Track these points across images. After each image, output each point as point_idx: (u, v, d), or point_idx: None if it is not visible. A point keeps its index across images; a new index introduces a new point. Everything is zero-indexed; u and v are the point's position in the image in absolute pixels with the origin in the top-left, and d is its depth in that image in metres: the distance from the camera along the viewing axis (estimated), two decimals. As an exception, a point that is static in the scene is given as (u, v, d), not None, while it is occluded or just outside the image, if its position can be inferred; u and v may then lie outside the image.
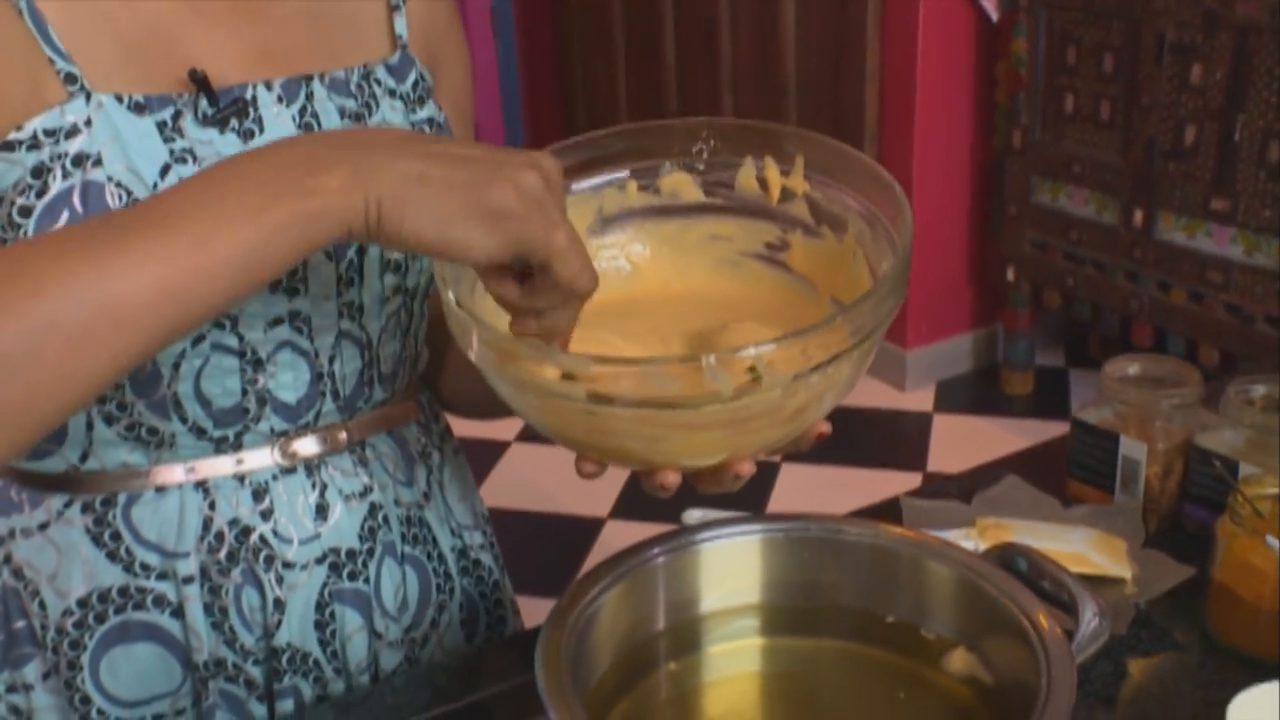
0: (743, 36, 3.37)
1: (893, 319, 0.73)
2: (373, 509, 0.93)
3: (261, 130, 0.85)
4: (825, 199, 0.84)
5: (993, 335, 3.36)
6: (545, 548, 2.67)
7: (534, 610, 1.11)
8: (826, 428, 0.76)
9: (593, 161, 0.85)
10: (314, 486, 0.91)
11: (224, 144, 0.84)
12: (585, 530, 2.71)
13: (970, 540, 0.99)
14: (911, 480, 2.81)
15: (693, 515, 0.96)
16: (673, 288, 0.90)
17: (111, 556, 0.88)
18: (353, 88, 0.90)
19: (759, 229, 0.87)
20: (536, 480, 2.90)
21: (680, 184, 0.86)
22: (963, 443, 3.00)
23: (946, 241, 3.23)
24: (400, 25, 0.94)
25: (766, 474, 2.86)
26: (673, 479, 0.74)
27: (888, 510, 1.08)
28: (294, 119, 0.87)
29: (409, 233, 0.68)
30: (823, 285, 0.85)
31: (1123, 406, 1.05)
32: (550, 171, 0.71)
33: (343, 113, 0.89)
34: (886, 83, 3.09)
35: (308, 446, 0.90)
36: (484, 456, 3.00)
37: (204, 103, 0.83)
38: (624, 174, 0.85)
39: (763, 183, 0.85)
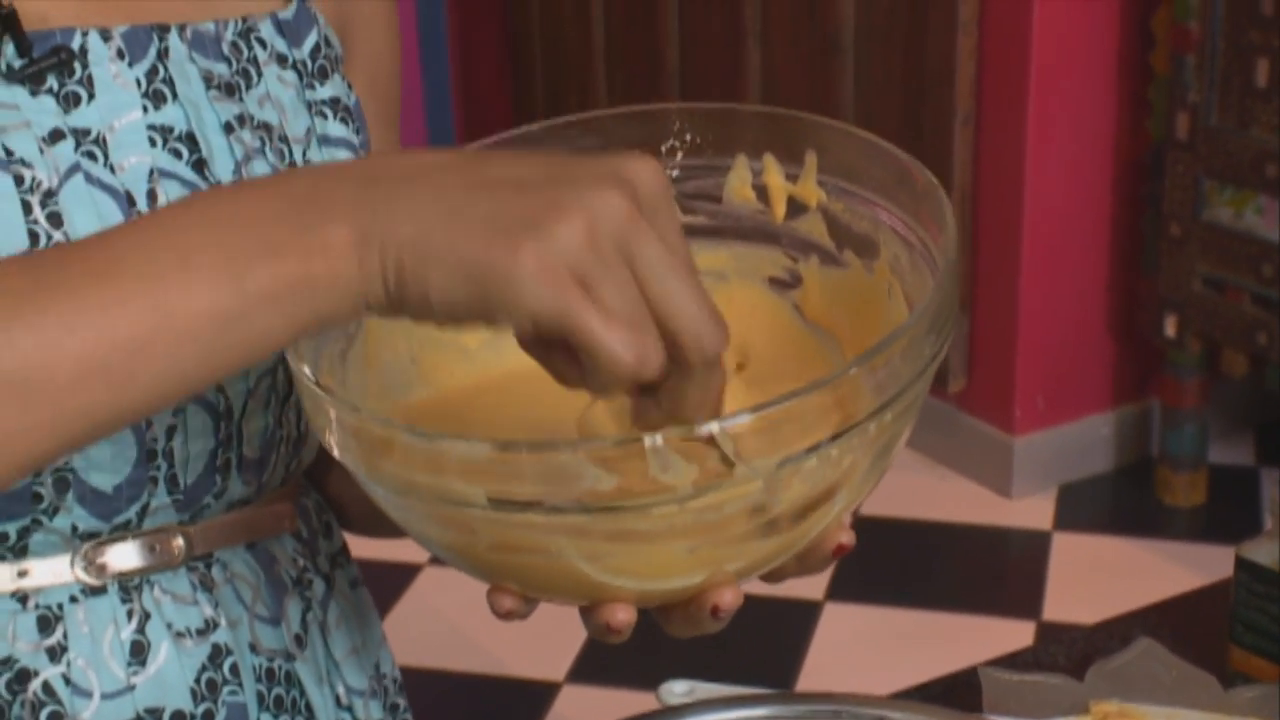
0: (777, -35, 3.43)
1: (932, 374, 0.75)
2: (216, 654, 0.95)
3: (91, 95, 0.89)
4: (848, 212, 0.88)
5: (1144, 417, 3.38)
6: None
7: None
8: (847, 538, 0.79)
9: None
10: (130, 616, 0.93)
11: (36, 110, 0.87)
12: (531, 699, 2.71)
13: (1078, 737, 0.99)
14: (1019, 633, 2.82)
15: (674, 690, 0.98)
16: None
17: None
18: (225, 47, 0.94)
19: (759, 257, 0.91)
20: (456, 622, 2.89)
21: None
22: (1097, 578, 3.01)
23: (1075, 277, 3.25)
24: None
25: (800, 621, 2.87)
26: (622, 616, 0.76)
27: (959, 687, 1.09)
28: (139, 83, 0.90)
29: (438, 297, 0.70)
30: (847, 338, 0.88)
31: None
32: (646, 184, 0.71)
33: (209, 80, 0.93)
34: (987, 37, 3.12)
35: (125, 558, 0.93)
36: (382, 587, 3.00)
37: (10, 50, 0.87)
38: None
39: (761, 191, 0.89)
